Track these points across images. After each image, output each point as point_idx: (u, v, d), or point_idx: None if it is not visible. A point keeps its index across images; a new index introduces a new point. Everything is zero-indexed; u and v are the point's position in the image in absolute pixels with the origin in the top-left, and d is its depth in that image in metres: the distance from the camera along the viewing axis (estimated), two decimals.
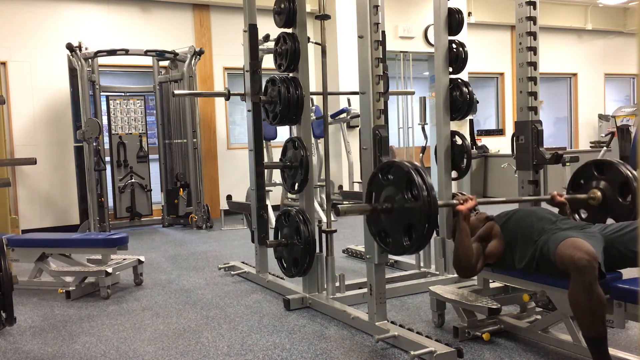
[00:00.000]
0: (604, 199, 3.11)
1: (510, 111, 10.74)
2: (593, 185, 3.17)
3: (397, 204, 2.55)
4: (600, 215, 3.14)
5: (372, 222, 2.73)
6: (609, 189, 3.10)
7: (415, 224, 2.47)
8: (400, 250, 2.63)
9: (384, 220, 2.64)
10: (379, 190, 2.67)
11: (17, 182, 7.02)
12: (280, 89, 3.60)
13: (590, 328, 2.32)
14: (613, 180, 3.09)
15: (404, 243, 2.53)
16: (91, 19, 7.46)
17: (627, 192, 3.04)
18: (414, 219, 2.47)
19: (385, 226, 2.64)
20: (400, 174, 2.56)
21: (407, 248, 2.55)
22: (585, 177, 3.24)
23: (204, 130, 7.91)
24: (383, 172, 2.67)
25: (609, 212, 3.11)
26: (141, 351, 2.97)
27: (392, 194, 2.58)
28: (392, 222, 2.59)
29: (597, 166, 3.20)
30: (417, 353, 2.60)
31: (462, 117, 3.91)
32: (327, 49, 3.85)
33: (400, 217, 2.54)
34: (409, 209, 2.49)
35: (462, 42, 3.83)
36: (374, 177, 2.72)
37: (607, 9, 11.53)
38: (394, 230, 2.59)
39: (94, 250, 4.28)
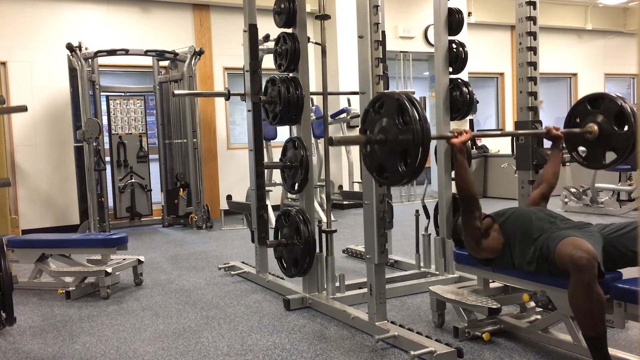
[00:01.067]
0: (601, 132, 3.11)
1: (510, 111, 10.74)
2: (588, 120, 3.17)
3: (391, 134, 2.51)
4: (598, 148, 3.16)
5: (368, 156, 2.69)
6: (604, 121, 3.10)
7: (409, 149, 2.43)
8: (397, 178, 2.55)
9: (379, 153, 2.60)
10: (372, 125, 2.63)
11: (17, 182, 7.02)
12: (280, 89, 3.60)
13: (590, 328, 2.32)
14: (608, 112, 3.09)
15: (400, 170, 2.48)
16: (91, 19, 7.46)
17: (623, 122, 3.04)
18: (408, 145, 2.43)
19: (381, 158, 2.60)
20: (392, 104, 2.52)
21: (403, 175, 2.49)
22: (580, 114, 3.24)
23: (204, 130, 7.91)
24: (375, 106, 2.64)
25: (607, 145, 3.12)
26: (141, 351, 2.97)
27: (386, 125, 2.54)
28: (387, 152, 2.55)
29: (591, 101, 3.20)
30: (417, 353, 2.60)
31: (462, 117, 3.91)
32: (327, 49, 3.85)
33: (395, 145, 2.50)
34: (402, 135, 2.45)
35: (462, 42, 3.83)
36: (367, 113, 2.68)
37: (607, 9, 11.53)
38: (389, 160, 2.55)
39: (93, 250, 4.28)
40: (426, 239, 4.18)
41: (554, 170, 3.17)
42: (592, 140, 3.16)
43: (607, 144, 3.12)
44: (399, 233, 5.36)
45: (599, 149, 3.16)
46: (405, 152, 2.45)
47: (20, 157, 7.07)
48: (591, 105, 3.19)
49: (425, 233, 4.16)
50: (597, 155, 3.18)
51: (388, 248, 3.24)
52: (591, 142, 3.17)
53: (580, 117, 3.24)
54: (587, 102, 3.21)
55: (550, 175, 3.16)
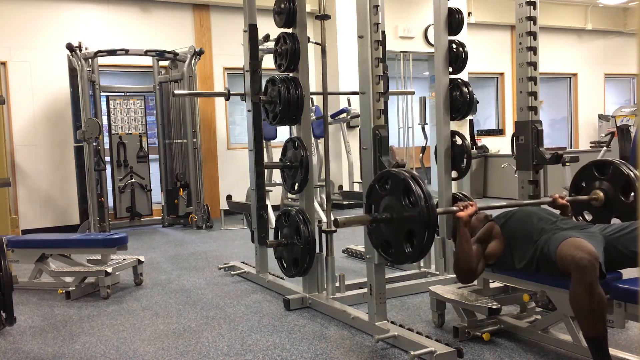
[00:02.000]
0: (607, 199, 3.11)
1: (510, 111, 10.74)
2: (595, 186, 3.17)
3: (397, 213, 2.55)
4: (604, 216, 3.14)
5: (373, 233, 2.73)
6: (610, 188, 3.10)
7: (415, 231, 2.47)
8: (402, 259, 2.64)
9: (384, 230, 2.64)
10: (377, 201, 2.67)
11: (17, 182, 7.02)
12: (280, 89, 3.60)
13: (590, 328, 2.32)
14: (614, 180, 3.10)
15: (406, 250, 2.53)
16: (91, 19, 7.46)
17: (629, 190, 3.04)
18: (413, 226, 2.46)
19: (386, 236, 2.64)
20: (397, 183, 2.56)
21: (409, 256, 2.55)
22: (587, 179, 3.24)
23: (204, 130, 7.91)
24: (380, 183, 2.67)
25: (613, 212, 3.11)
26: (141, 351, 2.97)
27: (391, 203, 2.58)
28: (393, 231, 2.58)
29: (598, 167, 3.20)
30: (417, 353, 2.60)
31: (462, 117, 3.91)
32: (327, 49, 3.85)
33: (400, 225, 2.54)
34: (408, 216, 2.48)
35: (462, 42, 3.83)
36: (372, 189, 2.71)
37: (607, 9, 11.53)
38: (395, 239, 2.59)
39: (93, 250, 4.28)
40: None
41: None
42: (597, 207, 3.15)
43: (613, 212, 3.11)
44: None
45: (604, 216, 3.14)
46: (411, 232, 2.49)
47: (20, 157, 7.07)
48: (598, 171, 3.18)
49: None
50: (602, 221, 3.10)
51: None
52: (596, 208, 3.16)
53: (586, 182, 3.23)
54: (593, 168, 3.20)
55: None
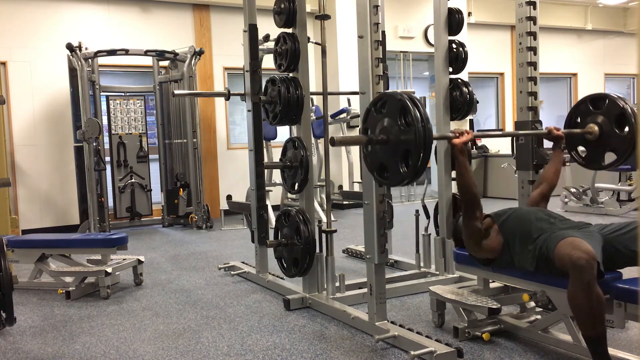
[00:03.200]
0: (601, 133, 3.12)
1: (510, 111, 10.74)
2: (589, 120, 3.18)
3: (393, 134, 2.51)
4: (598, 149, 3.16)
5: (369, 156, 2.68)
6: (605, 122, 3.11)
7: (411, 151, 2.43)
8: (398, 179, 2.55)
9: (380, 153, 2.60)
10: (373, 124, 2.62)
11: (17, 182, 7.02)
12: (280, 89, 3.60)
13: (589, 328, 2.32)
14: (609, 113, 3.10)
15: (401, 171, 2.48)
16: (91, 19, 7.46)
17: (623, 124, 3.05)
18: (409, 146, 2.43)
19: (382, 158, 2.59)
20: (394, 104, 2.52)
21: (404, 176, 2.49)
22: (581, 114, 3.25)
23: (204, 130, 7.91)
24: (377, 106, 2.63)
25: (608, 146, 3.13)
26: (141, 351, 2.97)
27: (387, 125, 2.54)
28: (389, 152, 2.54)
29: (593, 101, 3.20)
30: (417, 353, 2.60)
31: (462, 117, 3.91)
32: (327, 49, 3.85)
33: (396, 146, 2.50)
34: (404, 136, 2.45)
35: (462, 42, 3.83)
36: (368, 112, 2.67)
37: (607, 9, 11.53)
38: (390, 161, 2.54)
39: (93, 250, 4.28)
40: (426, 239, 4.18)
41: (555, 169, 3.18)
42: (592, 141, 3.17)
43: (607, 145, 3.13)
44: (399, 233, 5.36)
45: (599, 150, 3.16)
46: (407, 152, 2.45)
47: (20, 157, 7.07)
48: (593, 105, 3.19)
49: (425, 233, 4.16)
50: (596, 156, 3.19)
51: (388, 248, 3.24)
52: (591, 142, 3.18)
53: (582, 117, 3.25)
54: (589, 102, 3.21)
55: (551, 174, 3.16)
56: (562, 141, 3.16)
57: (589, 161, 3.29)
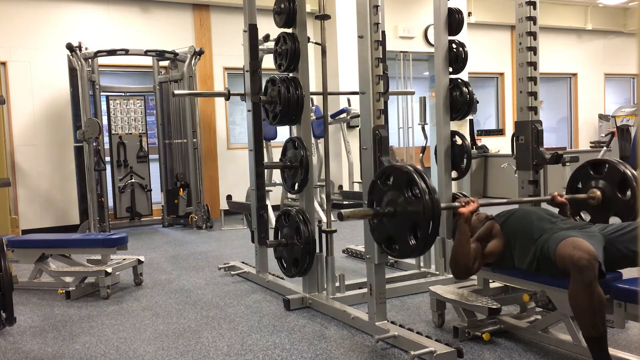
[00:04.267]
0: (604, 198, 3.12)
1: (510, 111, 10.74)
2: (591, 185, 3.18)
3: (400, 207, 2.54)
4: (602, 214, 3.15)
5: (376, 228, 2.72)
6: (607, 187, 3.11)
7: (419, 223, 2.45)
8: (407, 253, 2.61)
9: (387, 225, 2.63)
10: (379, 197, 2.66)
11: (17, 182, 7.02)
12: (280, 89, 3.60)
13: (590, 328, 2.32)
14: (611, 179, 3.11)
15: (410, 243, 2.51)
16: (91, 19, 7.46)
17: (625, 188, 3.05)
18: (418, 218, 2.45)
19: (390, 230, 2.63)
20: (400, 177, 2.55)
21: (414, 249, 2.53)
22: (583, 179, 3.25)
23: (204, 130, 7.91)
24: (382, 179, 2.67)
25: (611, 211, 3.12)
26: (141, 351, 2.97)
27: (394, 197, 2.57)
28: (396, 225, 2.58)
29: (593, 166, 3.21)
30: (417, 353, 2.60)
31: (462, 117, 3.91)
32: (327, 49, 3.85)
33: (404, 219, 2.53)
34: (412, 209, 2.47)
35: (462, 42, 3.83)
36: (374, 185, 2.71)
37: (607, 9, 11.53)
38: (399, 233, 2.58)
39: (93, 250, 4.28)
40: None
41: None
42: (595, 206, 3.16)
43: (611, 210, 3.12)
44: None
45: (603, 214, 3.15)
46: (416, 225, 2.48)
47: (20, 157, 7.07)
48: (594, 170, 3.19)
49: None
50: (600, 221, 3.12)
51: None
52: (594, 207, 3.17)
53: (583, 182, 3.24)
54: (589, 167, 3.21)
55: None
56: (567, 208, 3.09)
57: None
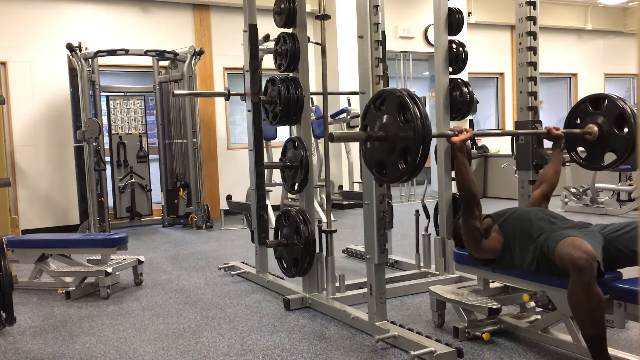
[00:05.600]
0: (601, 133, 3.13)
1: (510, 111, 10.74)
2: (589, 121, 3.18)
3: (392, 131, 2.51)
4: (597, 150, 3.17)
5: (368, 153, 2.68)
6: (605, 122, 3.12)
7: (410, 147, 2.42)
8: (397, 176, 2.54)
9: (379, 150, 2.60)
10: (373, 121, 2.62)
11: (17, 182, 7.02)
12: (280, 89, 3.60)
13: (589, 327, 2.32)
14: (608, 114, 3.11)
15: (400, 167, 2.48)
16: (91, 19, 7.46)
17: (623, 124, 3.06)
18: (408, 143, 2.42)
19: (381, 156, 2.59)
20: (393, 101, 2.52)
21: (403, 172, 2.49)
22: (581, 114, 3.25)
23: (204, 130, 7.91)
24: (376, 103, 2.63)
25: (607, 146, 3.13)
26: (141, 351, 2.97)
27: (386, 121, 2.54)
28: (387, 149, 2.54)
29: (592, 102, 3.21)
30: (417, 353, 2.61)
31: (462, 117, 3.91)
32: (327, 49, 3.85)
33: (395, 143, 2.50)
34: (403, 132, 2.45)
35: (462, 42, 3.83)
36: (367, 109, 2.67)
37: (607, 9, 11.53)
38: (389, 158, 2.54)
39: (93, 250, 4.28)
40: (426, 239, 4.18)
41: (555, 169, 3.17)
42: (591, 141, 3.18)
43: (607, 146, 3.13)
44: (399, 233, 5.36)
45: (598, 150, 3.17)
46: (406, 149, 2.45)
47: (20, 157, 7.07)
48: (592, 105, 3.20)
49: (425, 233, 4.16)
50: (596, 157, 3.19)
51: (388, 248, 3.24)
52: (591, 143, 3.18)
53: (581, 117, 3.25)
54: (588, 103, 3.22)
55: (551, 174, 3.16)
56: (562, 141, 3.16)
57: (589, 161, 3.29)
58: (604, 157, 3.20)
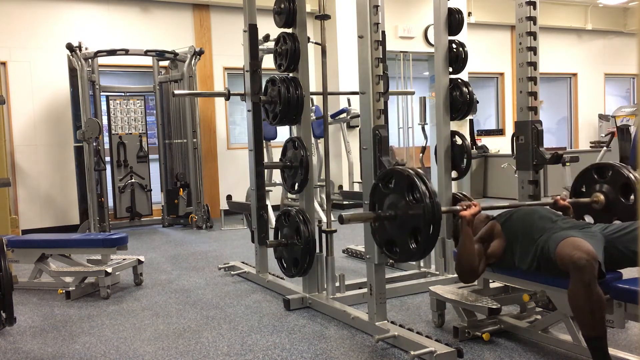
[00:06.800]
0: (607, 202, 3.12)
1: (510, 111, 10.74)
2: (595, 189, 3.18)
3: (401, 210, 2.55)
4: (605, 218, 3.14)
5: (377, 232, 2.73)
6: (610, 191, 3.11)
7: (420, 227, 2.46)
8: (408, 256, 2.61)
9: (388, 228, 2.64)
10: (380, 199, 2.67)
11: (17, 182, 7.02)
12: (280, 89, 3.60)
13: (589, 328, 2.32)
14: (614, 183, 3.11)
15: (411, 247, 2.52)
16: (91, 19, 7.46)
17: (629, 193, 3.05)
18: (418, 222, 2.46)
19: (391, 234, 2.64)
20: (402, 180, 2.56)
21: (414, 252, 2.53)
22: (587, 183, 3.25)
23: (204, 130, 7.91)
24: (384, 181, 2.68)
25: (614, 215, 3.12)
26: (141, 351, 2.97)
27: (395, 200, 2.58)
28: (397, 228, 2.58)
29: (597, 170, 3.21)
30: (417, 353, 2.60)
31: (462, 117, 3.91)
32: (327, 49, 3.85)
33: (405, 222, 2.53)
34: (413, 211, 2.48)
35: (462, 42, 3.83)
36: (375, 188, 2.71)
37: (607, 9, 11.53)
38: (399, 237, 2.58)
39: (93, 250, 4.27)
40: None
41: None
42: (598, 210, 3.17)
43: (613, 214, 3.12)
44: None
45: (605, 219, 3.14)
46: (416, 229, 2.48)
47: (20, 157, 7.07)
48: (597, 174, 3.19)
49: None
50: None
51: None
52: (597, 211, 3.17)
53: (587, 186, 3.24)
54: (593, 171, 3.21)
55: None
56: (570, 211, 3.08)
57: None
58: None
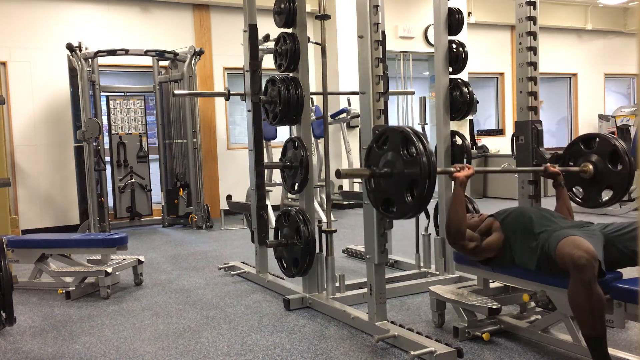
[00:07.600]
0: (596, 171, 3.14)
1: (510, 111, 10.74)
2: (583, 160, 3.21)
3: (397, 167, 2.53)
4: (594, 187, 3.18)
5: (373, 192, 2.71)
6: (599, 160, 3.13)
7: (416, 181, 2.44)
8: (405, 210, 2.55)
9: (384, 187, 2.62)
10: (376, 160, 2.65)
11: (17, 182, 7.02)
12: (280, 89, 3.60)
13: (589, 327, 2.32)
14: (602, 152, 3.12)
15: (407, 200, 2.49)
16: (91, 19, 7.46)
17: (616, 160, 3.07)
18: (415, 176, 2.44)
19: (387, 192, 2.61)
20: (396, 137, 2.54)
21: (411, 207, 2.50)
22: (574, 155, 3.27)
23: (204, 130, 7.91)
24: (378, 143, 2.66)
25: (604, 184, 3.14)
26: (141, 351, 2.97)
27: (391, 159, 2.57)
28: (393, 185, 2.56)
29: (584, 141, 3.23)
30: (417, 353, 2.61)
31: (462, 117, 3.90)
32: (327, 49, 3.85)
33: (401, 178, 2.52)
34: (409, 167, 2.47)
35: (462, 42, 3.83)
36: (370, 150, 2.70)
37: (607, 9, 11.53)
38: (395, 193, 2.56)
39: (93, 250, 4.28)
40: (426, 239, 4.18)
41: (567, 207, 3.10)
42: (587, 179, 3.18)
43: (603, 183, 3.15)
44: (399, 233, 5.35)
45: (595, 188, 3.17)
46: (412, 183, 2.47)
47: (20, 157, 7.07)
48: (585, 145, 3.22)
49: (425, 233, 4.16)
50: (593, 194, 3.19)
51: (388, 248, 3.24)
52: (587, 181, 3.19)
53: (575, 158, 3.26)
54: (580, 143, 3.24)
55: (566, 214, 3.05)
56: (560, 177, 3.11)
57: (587, 200, 3.27)
58: (602, 194, 3.19)
